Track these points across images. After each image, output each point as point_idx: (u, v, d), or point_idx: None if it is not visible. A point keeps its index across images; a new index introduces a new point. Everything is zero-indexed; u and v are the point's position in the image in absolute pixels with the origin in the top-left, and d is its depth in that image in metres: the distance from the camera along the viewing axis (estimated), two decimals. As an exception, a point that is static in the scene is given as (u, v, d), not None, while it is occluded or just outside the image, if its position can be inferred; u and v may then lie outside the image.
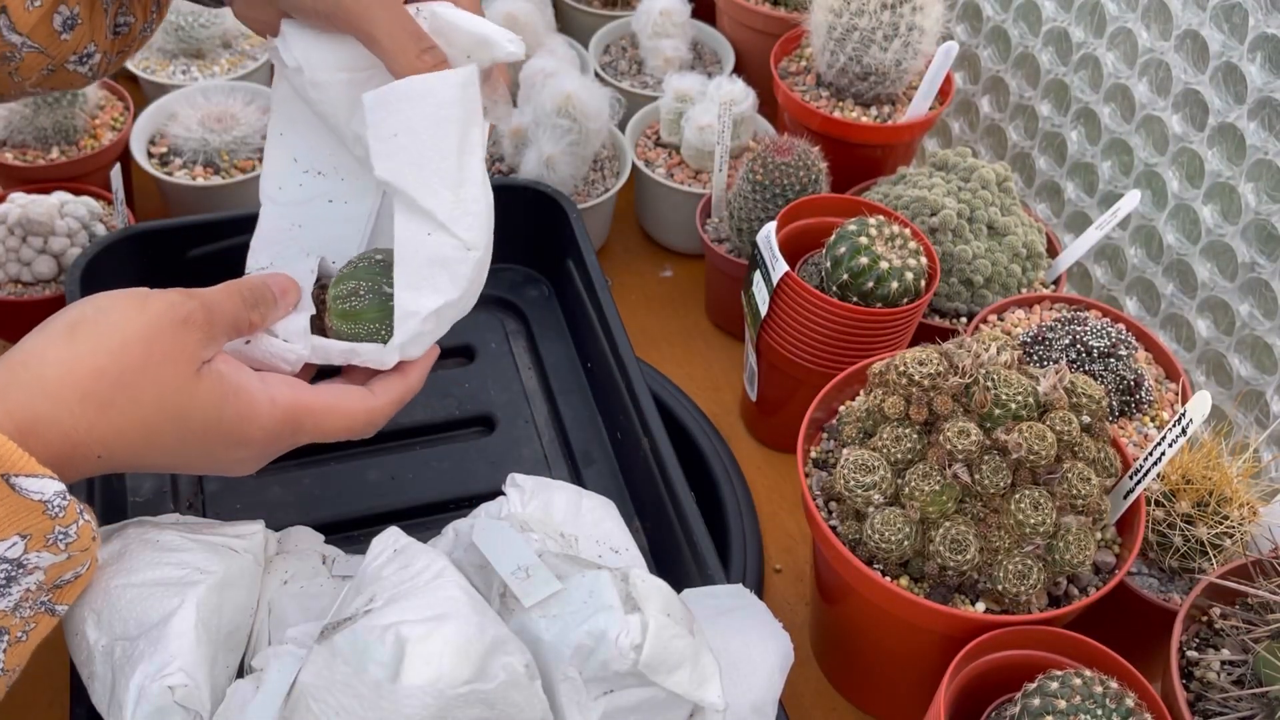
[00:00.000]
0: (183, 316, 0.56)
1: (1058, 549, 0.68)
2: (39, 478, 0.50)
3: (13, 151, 1.08)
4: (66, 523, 0.51)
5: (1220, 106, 0.93)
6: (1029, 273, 0.98)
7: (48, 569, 0.52)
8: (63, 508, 0.51)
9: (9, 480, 0.49)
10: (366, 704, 0.54)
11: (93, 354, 0.54)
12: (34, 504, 0.50)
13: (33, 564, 0.51)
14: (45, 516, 0.50)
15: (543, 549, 0.65)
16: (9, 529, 0.49)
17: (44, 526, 0.50)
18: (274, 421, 0.59)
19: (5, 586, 0.50)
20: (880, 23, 1.03)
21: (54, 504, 0.50)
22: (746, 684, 0.65)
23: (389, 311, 0.64)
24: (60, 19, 0.69)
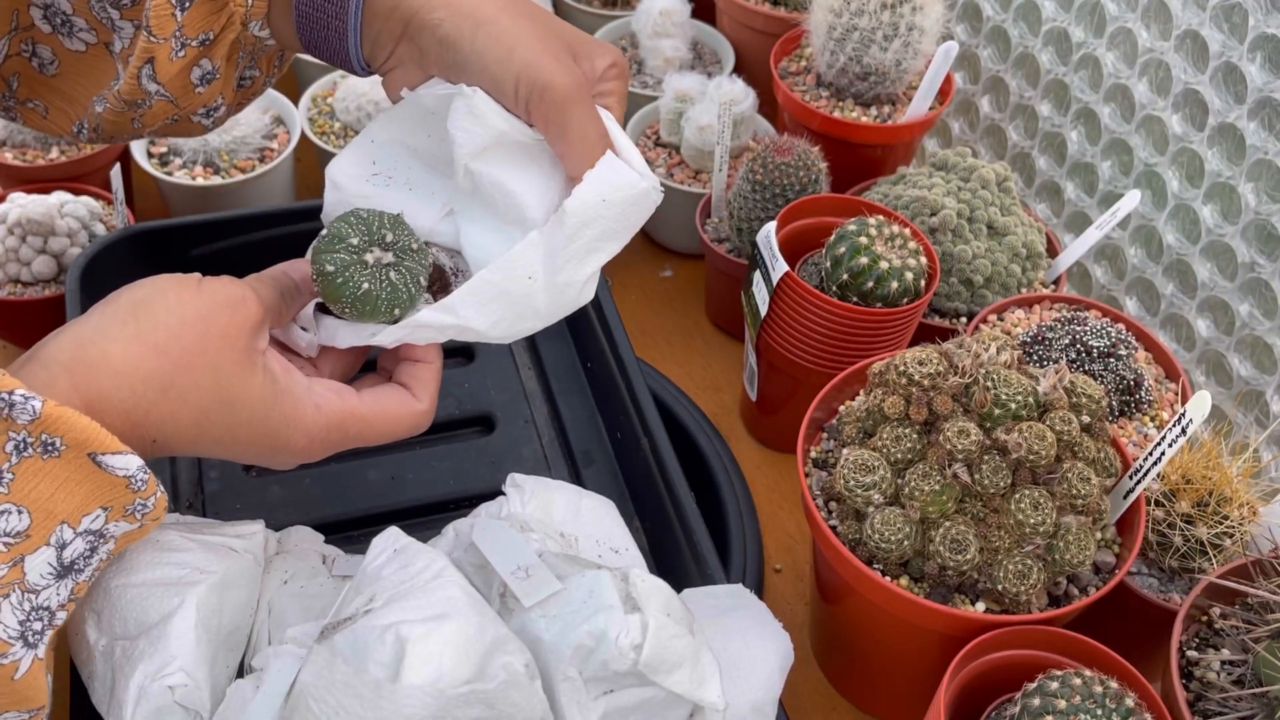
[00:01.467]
0: (237, 298, 0.57)
1: (1058, 549, 0.68)
2: (123, 454, 0.51)
3: (13, 151, 1.08)
4: (147, 495, 0.53)
5: (1220, 106, 0.93)
6: (1029, 273, 0.98)
7: (120, 538, 0.54)
8: (144, 481, 0.53)
9: (95, 458, 0.50)
10: (366, 704, 0.54)
11: (153, 332, 0.55)
12: (119, 479, 0.51)
13: (110, 534, 0.53)
14: (129, 490, 0.52)
15: (543, 549, 0.65)
16: (93, 503, 0.51)
17: (126, 499, 0.52)
18: (319, 428, 0.60)
19: (89, 558, 0.52)
20: (880, 23, 1.03)
21: (137, 478, 0.52)
22: (746, 684, 0.65)
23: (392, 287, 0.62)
24: (200, 72, 0.68)
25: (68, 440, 0.50)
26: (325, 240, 0.60)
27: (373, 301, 0.60)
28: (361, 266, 0.60)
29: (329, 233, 0.60)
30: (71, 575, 0.52)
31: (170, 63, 0.65)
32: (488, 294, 0.62)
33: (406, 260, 0.61)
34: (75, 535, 0.51)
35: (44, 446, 0.49)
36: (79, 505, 0.51)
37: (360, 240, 0.60)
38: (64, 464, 0.50)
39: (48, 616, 0.51)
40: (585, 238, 0.62)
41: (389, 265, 0.60)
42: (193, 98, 0.68)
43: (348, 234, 0.60)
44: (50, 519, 0.50)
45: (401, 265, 0.61)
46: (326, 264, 0.59)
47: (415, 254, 0.61)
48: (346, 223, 0.60)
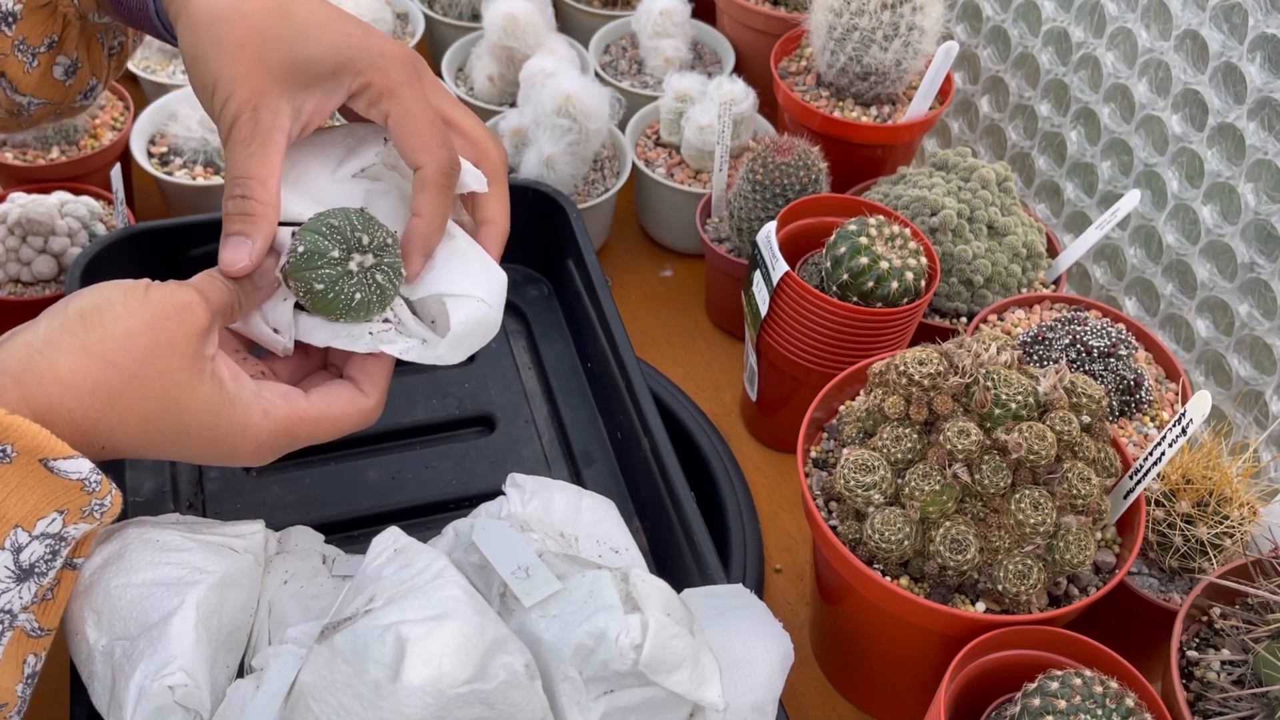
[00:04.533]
0: (184, 305, 0.57)
1: (1058, 549, 0.68)
2: (74, 459, 0.52)
3: (13, 151, 1.08)
4: (102, 495, 0.54)
5: (1220, 106, 0.93)
6: (1029, 273, 0.98)
7: (80, 539, 0.55)
8: (98, 483, 0.53)
9: (47, 464, 0.51)
10: (366, 704, 0.54)
11: (101, 343, 0.55)
12: (72, 483, 0.52)
13: (71, 536, 0.54)
14: (84, 493, 0.53)
15: (543, 549, 0.65)
16: (47, 507, 0.52)
17: (81, 501, 0.53)
18: (267, 434, 0.60)
19: (50, 560, 0.53)
20: (880, 23, 1.03)
21: (90, 480, 0.53)
22: (746, 684, 0.65)
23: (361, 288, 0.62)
24: (61, 69, 0.70)
25: (18, 447, 0.50)
26: (305, 258, 0.60)
27: (367, 307, 0.61)
28: (349, 277, 0.60)
29: (306, 249, 0.60)
30: (34, 578, 0.52)
31: (27, 74, 0.68)
32: (465, 331, 0.64)
33: (385, 256, 0.62)
34: (31, 539, 0.52)
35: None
36: (32, 509, 0.51)
37: (340, 251, 0.60)
38: (15, 470, 0.50)
39: (8, 619, 0.52)
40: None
41: (372, 267, 0.61)
42: (65, 91, 0.71)
43: (327, 248, 0.60)
44: (3, 523, 0.50)
45: (382, 263, 0.61)
46: (315, 283, 0.60)
47: (390, 247, 0.62)
48: (320, 234, 0.60)
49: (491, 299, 0.66)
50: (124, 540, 0.61)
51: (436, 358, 0.64)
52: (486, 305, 0.65)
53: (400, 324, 0.64)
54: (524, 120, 1.08)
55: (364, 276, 0.61)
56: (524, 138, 1.07)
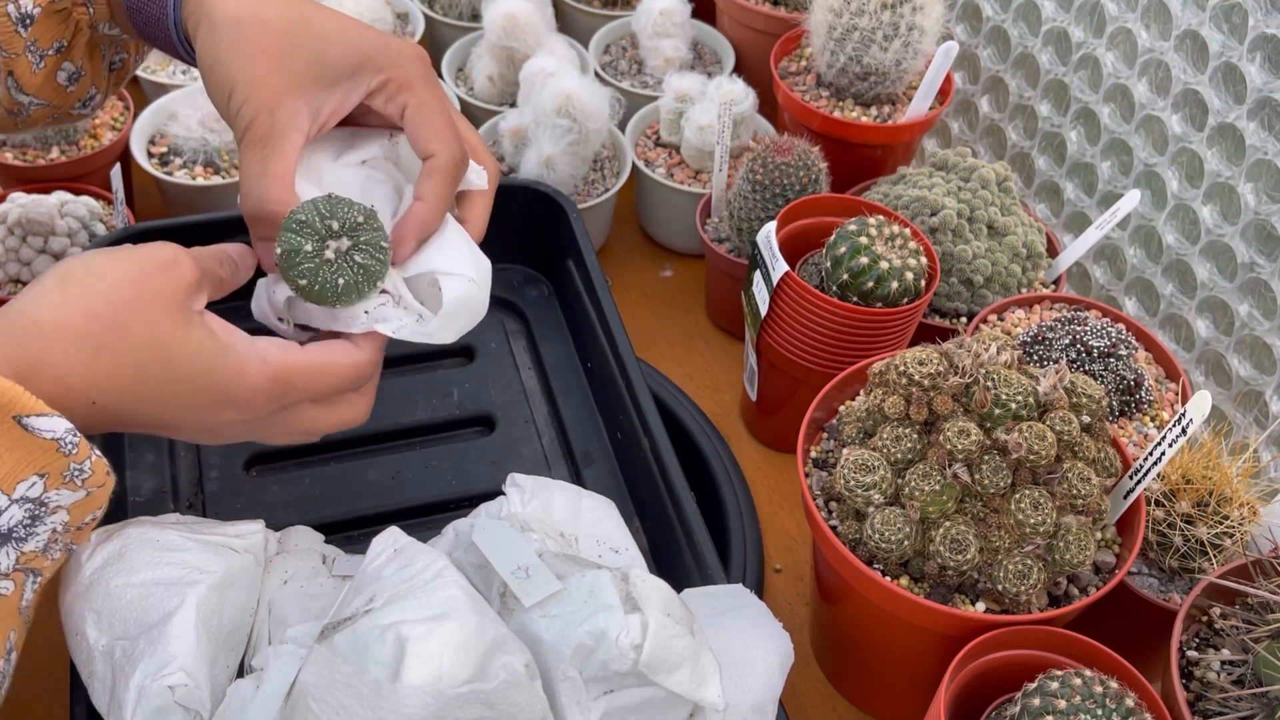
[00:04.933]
0: (170, 259, 0.57)
1: (1058, 549, 0.68)
2: (49, 417, 0.51)
3: (13, 151, 1.08)
4: (80, 459, 0.52)
5: (1220, 106, 0.93)
6: (1029, 273, 0.98)
7: (70, 508, 0.53)
8: (74, 444, 0.52)
9: (21, 421, 0.50)
10: (366, 704, 0.54)
11: (83, 297, 0.54)
12: (47, 443, 0.51)
13: (54, 503, 0.52)
14: (60, 454, 0.52)
15: (543, 549, 0.65)
16: (26, 469, 0.51)
17: (60, 464, 0.52)
18: (264, 381, 0.59)
19: (31, 526, 0.52)
20: (880, 23, 1.03)
21: (66, 441, 0.52)
22: (746, 684, 0.65)
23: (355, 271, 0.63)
24: (65, 75, 0.71)
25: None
26: (284, 258, 0.61)
27: (355, 289, 0.62)
28: (328, 266, 0.61)
29: (283, 250, 0.61)
30: (12, 543, 0.52)
31: (33, 75, 0.69)
32: (454, 311, 0.65)
33: (362, 235, 0.62)
34: (10, 502, 0.51)
35: None
36: (10, 471, 0.51)
37: (313, 244, 0.61)
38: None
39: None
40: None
41: (349, 250, 0.62)
42: (66, 96, 0.72)
43: (300, 244, 0.61)
44: None
45: (359, 242, 0.62)
46: (299, 279, 0.61)
47: (365, 224, 0.62)
48: (293, 232, 0.61)
49: (481, 281, 0.67)
50: (124, 540, 0.61)
51: (428, 335, 0.65)
52: (477, 286, 0.67)
53: (398, 298, 0.65)
54: (524, 120, 1.08)
55: (343, 261, 0.61)
56: (524, 138, 1.07)
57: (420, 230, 0.65)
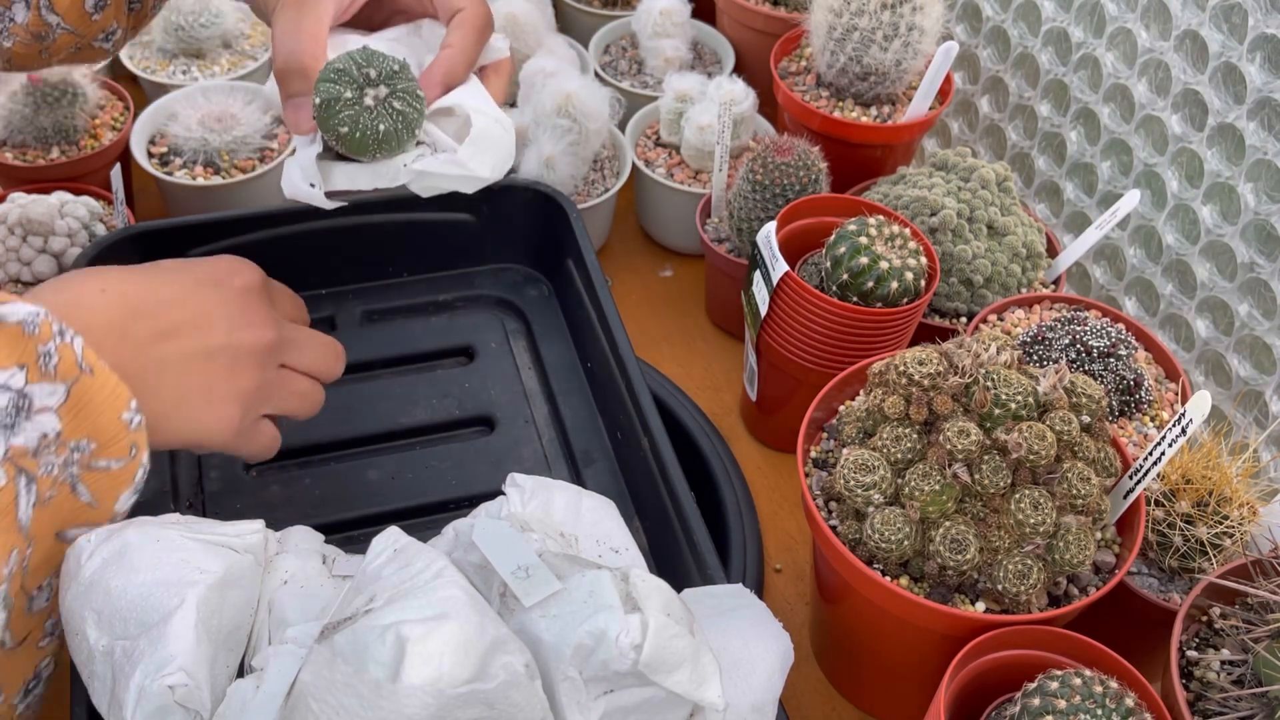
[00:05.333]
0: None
1: (1058, 549, 0.68)
2: (9, 304, 0.53)
3: (13, 151, 1.08)
4: (44, 340, 0.54)
5: (1220, 106, 0.93)
6: (1029, 273, 0.98)
7: (59, 412, 0.54)
8: (36, 324, 0.54)
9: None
10: (366, 704, 0.54)
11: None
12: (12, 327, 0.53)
13: (39, 401, 0.54)
14: (25, 335, 0.53)
15: (543, 549, 0.64)
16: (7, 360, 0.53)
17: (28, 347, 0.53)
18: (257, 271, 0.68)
19: (15, 416, 0.53)
20: (880, 23, 1.03)
21: (29, 323, 0.54)
22: (746, 684, 0.65)
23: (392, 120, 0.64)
24: (92, 2, 0.75)
25: None
26: (324, 108, 0.62)
27: (396, 136, 0.64)
28: (369, 112, 0.62)
29: (322, 99, 0.62)
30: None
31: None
32: (483, 144, 0.67)
33: (398, 83, 0.64)
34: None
35: None
36: None
37: (353, 91, 0.62)
38: None
39: None
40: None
41: (388, 96, 0.63)
42: (90, 25, 0.76)
43: (339, 91, 0.62)
44: None
45: (396, 89, 0.63)
46: (339, 127, 0.62)
47: (400, 73, 0.64)
48: (330, 81, 0.62)
49: (506, 125, 0.70)
50: (124, 540, 0.61)
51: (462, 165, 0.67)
52: (502, 127, 0.69)
53: (433, 143, 0.67)
54: (524, 120, 1.08)
55: (383, 108, 0.63)
56: (524, 138, 1.07)
57: (447, 75, 0.68)
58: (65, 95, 1.07)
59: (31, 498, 0.54)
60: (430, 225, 0.96)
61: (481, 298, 0.98)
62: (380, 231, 0.95)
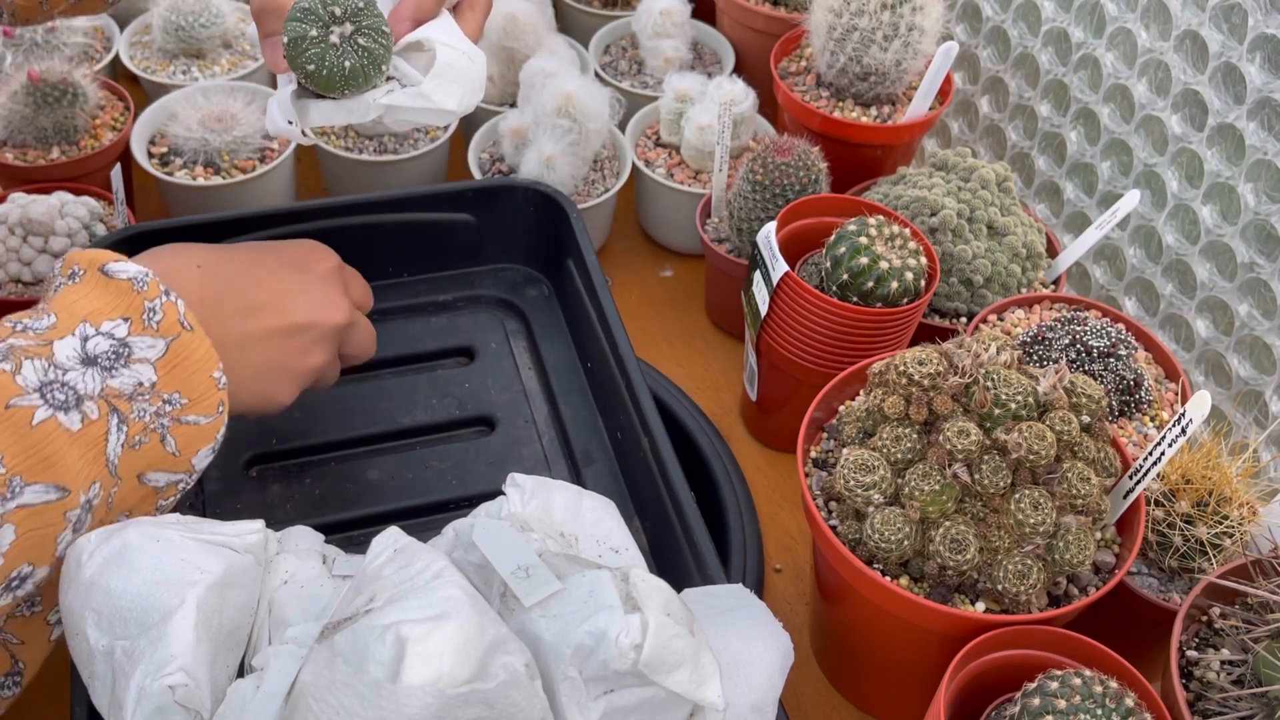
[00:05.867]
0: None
1: (1057, 549, 0.68)
2: (122, 262, 0.62)
3: (13, 151, 1.08)
4: (151, 296, 0.62)
5: (1220, 107, 0.93)
6: (1029, 273, 0.98)
7: (156, 365, 0.62)
8: (145, 282, 0.62)
9: (104, 268, 0.62)
10: (367, 703, 0.54)
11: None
12: (123, 283, 0.62)
13: (138, 352, 0.61)
14: (134, 292, 0.62)
15: (543, 549, 0.65)
16: (114, 311, 0.61)
17: (135, 302, 0.62)
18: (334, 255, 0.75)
19: (114, 361, 0.61)
20: (880, 23, 1.03)
21: (139, 280, 0.62)
22: (746, 684, 0.65)
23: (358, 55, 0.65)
24: None
25: (83, 264, 0.62)
26: (291, 46, 0.64)
27: (363, 72, 0.65)
28: (335, 50, 0.64)
29: (289, 38, 0.64)
30: (97, 369, 0.60)
31: None
32: (449, 76, 0.68)
33: (364, 20, 0.64)
34: (97, 333, 0.61)
35: (70, 275, 0.63)
36: (98, 309, 0.61)
37: (318, 29, 0.63)
38: (84, 283, 0.62)
39: (72, 395, 0.59)
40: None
41: (353, 33, 0.64)
42: None
43: (305, 30, 0.63)
44: (73, 317, 0.61)
45: (362, 26, 0.64)
46: (307, 65, 0.64)
47: (365, 9, 0.65)
48: (295, 20, 0.64)
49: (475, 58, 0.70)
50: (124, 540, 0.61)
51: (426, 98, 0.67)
52: (469, 59, 0.70)
53: (402, 76, 0.68)
54: (524, 120, 1.08)
55: (348, 44, 0.64)
56: (524, 138, 1.07)
57: (416, 9, 0.69)
58: (65, 95, 1.07)
59: (121, 437, 0.60)
60: (430, 225, 0.96)
61: (481, 298, 0.98)
62: (380, 231, 0.95)
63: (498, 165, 1.12)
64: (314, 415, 0.87)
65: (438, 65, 0.68)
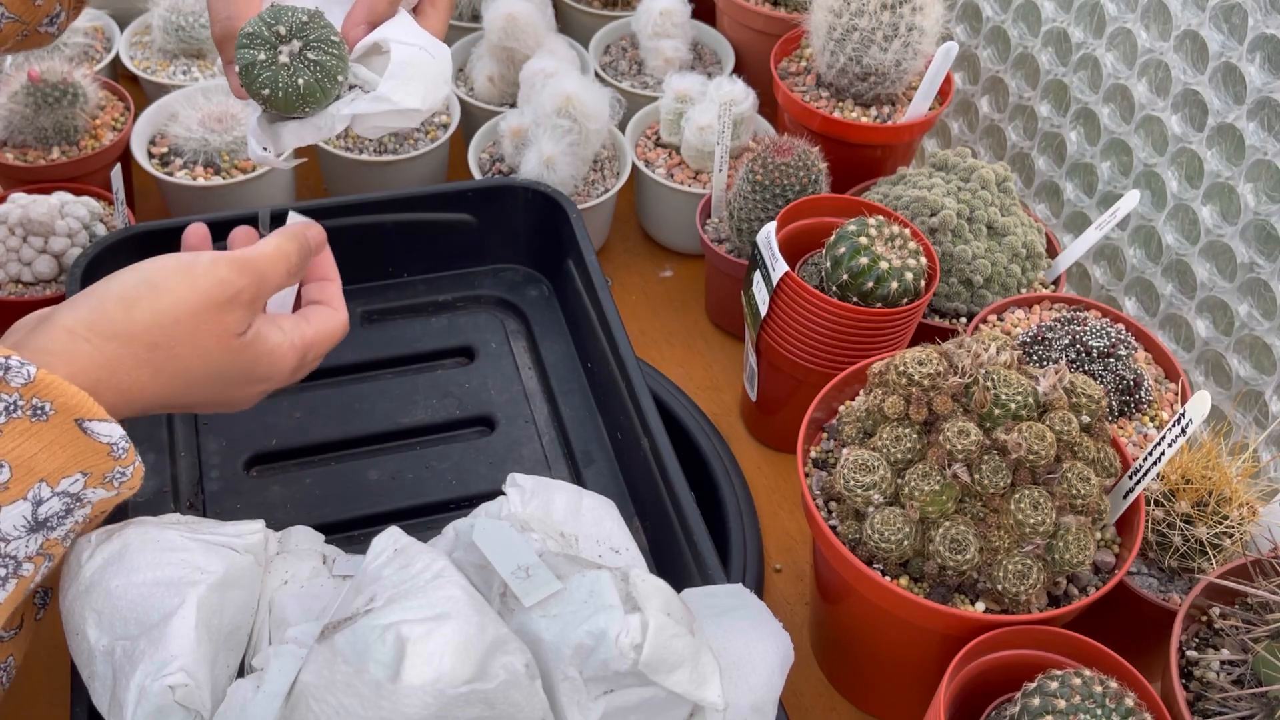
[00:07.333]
0: (230, 295, 0.61)
1: (1057, 549, 0.68)
2: (108, 423, 0.55)
3: (13, 151, 1.08)
4: (125, 464, 0.57)
5: (1219, 107, 0.93)
6: (1028, 273, 0.98)
7: (96, 504, 0.57)
8: (124, 449, 0.56)
9: (82, 424, 0.54)
10: (367, 703, 0.54)
11: (148, 331, 0.58)
12: (101, 446, 0.55)
13: (87, 499, 0.56)
14: (110, 458, 0.56)
15: (543, 549, 0.65)
16: (74, 467, 0.55)
17: (105, 466, 0.56)
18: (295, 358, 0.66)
19: (63, 518, 0.56)
20: (880, 23, 1.03)
21: (118, 446, 0.56)
22: (746, 684, 0.65)
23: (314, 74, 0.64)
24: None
25: (56, 405, 0.53)
26: (244, 73, 0.63)
27: (320, 87, 0.63)
28: (286, 70, 0.63)
29: (241, 66, 0.63)
30: (43, 531, 0.55)
31: None
32: (407, 74, 0.66)
33: (311, 33, 0.63)
34: (52, 494, 0.54)
35: (34, 410, 0.53)
36: (60, 467, 0.54)
37: (266, 53, 0.62)
38: (51, 428, 0.53)
39: (12, 565, 0.54)
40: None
41: (301, 50, 0.63)
42: (33, 10, 0.77)
43: (253, 55, 0.62)
44: (30, 475, 0.53)
45: (310, 40, 0.63)
46: (262, 89, 0.63)
47: (311, 23, 0.64)
48: (245, 47, 0.63)
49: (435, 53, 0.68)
50: (124, 540, 0.61)
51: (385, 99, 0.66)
52: (429, 55, 0.68)
53: (363, 82, 0.66)
54: (524, 120, 1.08)
55: (299, 62, 0.63)
56: (524, 138, 1.07)
57: (369, 12, 0.67)
58: (66, 96, 1.07)
59: (47, 568, 0.57)
60: (430, 225, 0.96)
61: (481, 298, 0.98)
62: (380, 231, 0.95)
63: (498, 165, 1.12)
64: (314, 415, 0.87)
65: (393, 65, 0.66)
